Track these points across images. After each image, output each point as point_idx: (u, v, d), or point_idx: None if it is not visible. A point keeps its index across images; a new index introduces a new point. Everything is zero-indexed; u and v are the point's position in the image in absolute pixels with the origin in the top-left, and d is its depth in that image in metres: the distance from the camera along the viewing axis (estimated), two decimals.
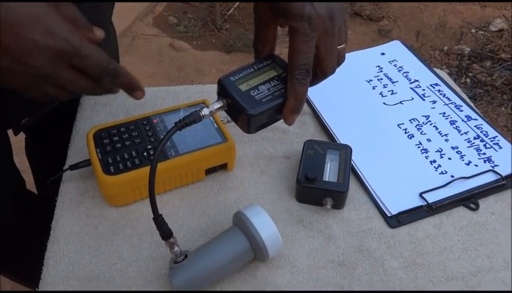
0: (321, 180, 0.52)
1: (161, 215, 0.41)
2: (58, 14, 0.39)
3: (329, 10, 0.43)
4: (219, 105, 0.44)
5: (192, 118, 0.43)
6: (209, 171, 0.56)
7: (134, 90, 0.45)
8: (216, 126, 0.56)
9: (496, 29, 2.25)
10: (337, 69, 0.48)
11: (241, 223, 0.45)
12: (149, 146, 0.53)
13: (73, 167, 0.54)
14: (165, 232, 0.42)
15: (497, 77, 1.98)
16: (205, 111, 0.43)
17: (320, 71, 0.46)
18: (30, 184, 0.89)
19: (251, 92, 0.44)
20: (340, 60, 0.47)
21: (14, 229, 0.76)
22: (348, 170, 0.54)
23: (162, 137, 0.54)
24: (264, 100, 0.43)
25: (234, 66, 2.02)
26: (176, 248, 0.42)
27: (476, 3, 2.43)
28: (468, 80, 1.99)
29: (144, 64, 2.03)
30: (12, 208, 0.74)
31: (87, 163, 0.53)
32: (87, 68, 0.40)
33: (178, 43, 2.16)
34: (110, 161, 0.51)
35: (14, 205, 0.75)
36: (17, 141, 0.82)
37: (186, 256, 0.43)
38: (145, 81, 1.93)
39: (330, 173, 0.53)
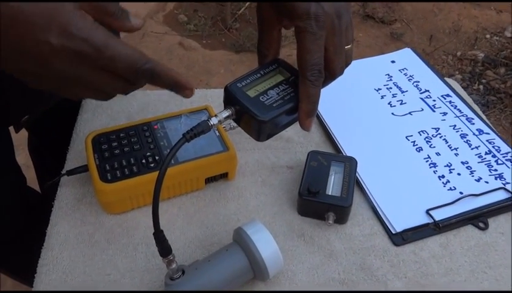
0: (324, 194, 0.50)
1: (162, 231, 0.39)
2: (76, 7, 0.34)
3: (336, 8, 0.41)
4: (227, 114, 0.42)
5: (200, 129, 0.41)
6: (209, 180, 0.54)
7: (180, 89, 0.40)
8: (217, 133, 0.54)
9: (511, 35, 2.20)
10: (345, 77, 0.46)
11: (241, 241, 0.43)
12: (148, 153, 0.51)
13: (70, 173, 0.53)
14: (164, 249, 0.40)
15: (511, 84, 1.93)
16: (214, 120, 0.41)
17: (329, 72, 0.44)
18: (34, 179, 0.89)
19: (260, 98, 0.42)
20: (348, 61, 0.46)
21: (13, 227, 0.75)
22: (352, 183, 0.52)
23: (162, 144, 0.53)
24: (274, 105, 0.42)
25: (243, 66, 2.01)
26: (174, 265, 0.41)
27: (492, 8, 2.38)
28: (481, 86, 1.95)
29: None
30: (12, 206, 0.73)
31: (85, 168, 0.52)
32: (116, 70, 0.35)
33: (188, 42, 2.15)
34: (108, 168, 0.50)
35: (14, 203, 0.74)
36: (23, 137, 0.82)
37: (183, 272, 0.41)
38: None
39: (333, 186, 0.52)
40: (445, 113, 0.65)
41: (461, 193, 0.55)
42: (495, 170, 0.57)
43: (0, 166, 0.66)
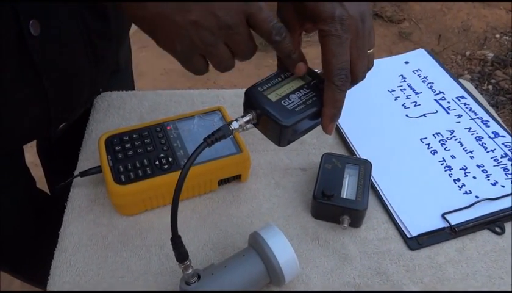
0: (338, 198, 0.50)
1: (180, 236, 0.39)
2: None
3: (360, 11, 0.41)
4: (248, 118, 0.41)
5: (222, 133, 0.40)
6: (223, 182, 0.54)
7: (297, 58, 0.41)
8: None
9: None
10: None
11: (257, 246, 0.43)
12: (161, 155, 0.51)
13: (83, 174, 0.52)
14: (181, 255, 0.39)
15: None
16: (235, 125, 0.41)
17: (352, 76, 0.43)
18: (42, 178, 0.88)
19: (282, 102, 0.41)
20: (370, 65, 0.45)
21: (23, 230, 0.75)
22: (367, 186, 0.51)
23: (175, 145, 0.53)
24: (297, 109, 0.41)
25: (250, 64, 2.00)
26: (190, 270, 0.40)
27: (501, 7, 2.36)
28: (490, 87, 1.94)
29: (160, 60, 2.02)
30: (21, 209, 0.73)
31: (98, 170, 0.52)
32: (260, 22, 0.39)
33: None
34: (121, 169, 0.49)
35: (24, 206, 0.74)
36: None
37: (199, 277, 0.41)
38: (161, 78, 1.93)
39: (348, 189, 0.51)
40: (460, 116, 0.64)
41: (476, 197, 0.54)
42: None
43: (9, 171, 0.66)
